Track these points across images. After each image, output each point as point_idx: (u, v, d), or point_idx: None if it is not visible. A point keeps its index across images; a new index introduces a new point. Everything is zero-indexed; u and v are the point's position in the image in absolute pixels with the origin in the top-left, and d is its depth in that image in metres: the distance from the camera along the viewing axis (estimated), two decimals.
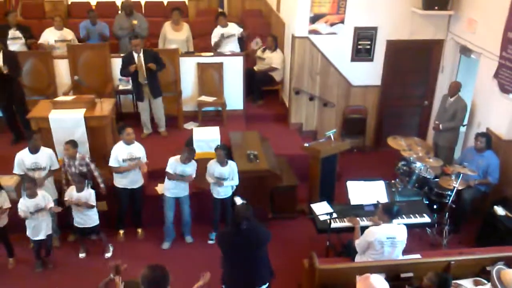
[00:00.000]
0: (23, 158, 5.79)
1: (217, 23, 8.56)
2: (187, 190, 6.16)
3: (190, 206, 6.25)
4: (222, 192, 6.08)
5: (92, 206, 5.78)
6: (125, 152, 5.95)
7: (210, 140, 6.38)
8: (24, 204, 5.48)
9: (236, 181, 6.09)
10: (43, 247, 5.85)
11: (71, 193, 5.75)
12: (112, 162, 5.96)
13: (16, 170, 5.84)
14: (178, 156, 5.96)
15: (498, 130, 6.51)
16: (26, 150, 5.81)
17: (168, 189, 6.08)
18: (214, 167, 5.98)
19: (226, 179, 5.98)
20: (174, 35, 8.53)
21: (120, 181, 6.10)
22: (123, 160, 5.95)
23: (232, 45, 8.56)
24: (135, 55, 7.17)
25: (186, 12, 11.32)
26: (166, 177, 6.03)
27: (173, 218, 6.22)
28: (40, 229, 5.63)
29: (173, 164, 5.96)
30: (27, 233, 5.70)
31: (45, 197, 5.59)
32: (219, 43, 8.48)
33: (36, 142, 5.77)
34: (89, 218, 5.85)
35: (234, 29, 8.59)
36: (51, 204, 5.60)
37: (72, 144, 5.89)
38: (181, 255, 6.15)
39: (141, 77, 7.24)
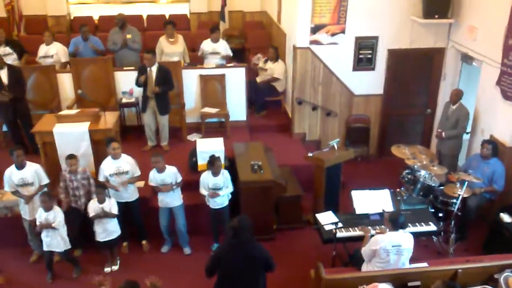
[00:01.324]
0: (11, 175, 5.79)
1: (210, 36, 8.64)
2: (179, 200, 6.16)
3: (187, 217, 6.25)
4: (219, 201, 6.08)
5: (114, 216, 5.80)
6: (112, 167, 5.95)
7: (214, 152, 6.38)
8: (39, 215, 5.55)
9: (231, 188, 6.10)
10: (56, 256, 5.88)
11: (94, 205, 5.77)
12: (100, 177, 5.99)
13: (6, 187, 5.85)
14: (154, 169, 5.99)
15: (501, 137, 6.50)
16: (13, 166, 5.80)
17: (160, 200, 6.12)
18: (208, 179, 5.98)
19: (221, 189, 5.99)
20: (171, 48, 8.57)
21: (114, 195, 6.07)
22: (110, 175, 5.95)
23: (217, 61, 8.57)
24: (148, 68, 7.22)
25: (187, 25, 11.42)
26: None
27: (166, 227, 6.24)
28: (52, 241, 5.64)
29: (152, 176, 6.00)
30: (43, 247, 5.72)
31: (56, 214, 5.58)
32: (203, 56, 8.61)
33: (19, 158, 5.73)
34: (112, 229, 5.88)
35: (221, 48, 8.61)
36: (55, 224, 5.57)
37: (76, 158, 5.92)
38: (183, 267, 6.14)
39: (149, 90, 7.28)
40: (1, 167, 7.03)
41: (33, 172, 5.83)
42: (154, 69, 7.23)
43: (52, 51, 8.32)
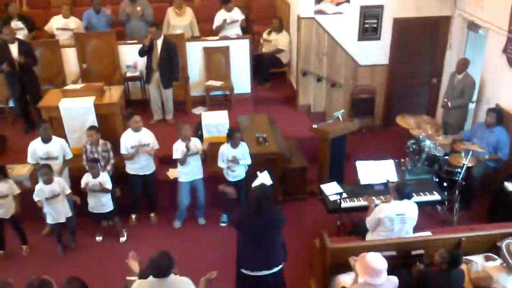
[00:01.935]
0: (36, 148, 5.86)
1: (222, 7, 8.53)
2: (201, 172, 6.22)
3: (204, 190, 6.31)
4: (237, 173, 6.10)
5: (108, 190, 5.87)
6: (134, 139, 6.02)
7: (219, 124, 6.41)
8: (41, 190, 5.60)
9: (249, 161, 6.12)
10: (64, 230, 5.99)
11: (87, 179, 5.84)
12: (122, 150, 6.05)
13: (30, 159, 5.93)
14: (178, 140, 6.02)
15: (508, 106, 6.47)
16: (39, 139, 5.88)
17: (183, 173, 6.15)
18: (226, 151, 5.99)
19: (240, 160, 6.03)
20: (177, 21, 8.49)
21: (131, 168, 6.18)
22: (132, 147, 6.02)
23: (235, 30, 8.53)
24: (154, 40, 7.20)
25: None
26: (178, 164, 6.09)
27: (186, 204, 6.29)
28: (59, 213, 5.76)
29: (177, 147, 6.01)
30: (47, 219, 5.82)
31: (61, 183, 5.70)
32: (221, 28, 8.48)
33: (47, 131, 5.82)
34: (103, 204, 5.95)
35: (237, 15, 8.57)
36: (69, 191, 5.70)
37: (95, 129, 5.99)
38: (193, 237, 6.25)
39: (154, 62, 7.27)
40: (9, 142, 7.18)
41: (59, 146, 5.90)
42: (159, 42, 7.20)
43: (72, 25, 8.30)
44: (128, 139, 6.02)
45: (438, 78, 8.36)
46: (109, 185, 5.87)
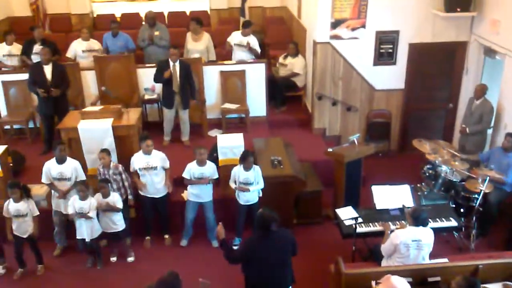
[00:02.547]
0: (50, 168, 5.97)
1: (241, 30, 8.65)
2: (210, 196, 6.24)
3: (216, 212, 6.33)
4: (249, 197, 6.11)
5: (119, 210, 5.92)
6: (143, 161, 6.09)
7: (234, 147, 6.45)
8: (73, 202, 5.74)
9: (261, 185, 6.12)
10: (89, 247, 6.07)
11: (98, 199, 5.90)
12: (131, 169, 6.16)
13: (44, 179, 6.02)
14: (194, 161, 6.07)
15: None
16: (54, 160, 5.99)
17: (191, 193, 6.21)
18: (238, 173, 6.03)
19: (251, 184, 6.03)
20: (193, 45, 8.64)
21: (141, 190, 6.23)
22: (139, 169, 6.09)
23: (243, 54, 8.57)
24: (171, 63, 7.33)
25: (207, 21, 11.47)
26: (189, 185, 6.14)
27: (193, 220, 6.33)
28: (89, 229, 5.84)
29: (190, 168, 6.07)
30: (76, 235, 5.92)
31: (91, 204, 5.78)
32: (230, 48, 8.64)
33: (62, 153, 5.92)
34: (114, 223, 5.99)
35: (251, 40, 8.53)
36: (92, 213, 5.77)
37: (107, 152, 6.08)
38: (206, 258, 6.24)
39: (175, 85, 7.39)
40: (28, 162, 7.29)
41: (73, 168, 6.00)
42: (177, 65, 7.33)
43: (96, 46, 8.54)
44: (138, 161, 6.11)
45: (455, 103, 8.33)
46: (119, 205, 5.91)
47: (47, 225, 6.07)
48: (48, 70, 7.24)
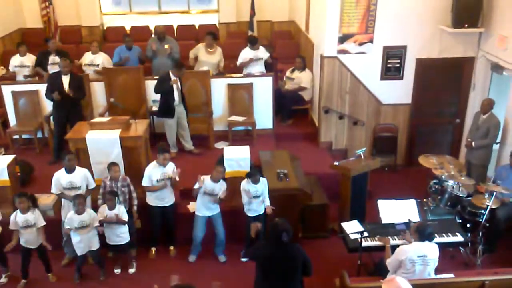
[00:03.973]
0: (60, 178, 6.00)
1: (248, 45, 8.78)
2: (217, 208, 6.24)
3: (224, 225, 6.33)
4: (257, 209, 6.13)
5: (124, 222, 5.94)
6: (159, 172, 6.12)
7: (241, 159, 6.48)
8: (71, 219, 5.72)
9: (267, 202, 6.14)
10: (89, 261, 6.08)
11: (104, 211, 5.93)
12: (145, 182, 6.14)
13: (54, 189, 6.06)
14: (209, 176, 6.08)
15: None
16: (63, 170, 6.02)
17: (199, 208, 6.20)
18: (247, 186, 6.05)
19: (259, 196, 6.05)
20: (207, 58, 8.77)
21: (152, 200, 6.26)
22: (157, 180, 6.12)
23: (258, 68, 8.75)
24: (172, 77, 7.43)
25: (217, 35, 11.59)
26: (197, 197, 6.14)
27: (202, 239, 6.31)
28: (86, 244, 5.84)
29: (204, 181, 6.07)
30: (75, 247, 5.89)
31: (91, 215, 5.80)
32: (246, 65, 8.73)
33: (71, 162, 5.97)
34: (119, 236, 6.01)
35: (262, 53, 8.84)
36: (97, 223, 5.80)
37: (119, 166, 6.14)
38: (212, 272, 6.22)
39: (177, 96, 7.50)
40: (36, 172, 7.35)
41: (82, 176, 6.04)
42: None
43: (98, 60, 8.66)
44: (154, 173, 6.12)
45: (462, 119, 8.33)
46: (125, 217, 5.94)
47: (54, 234, 6.09)
48: (66, 80, 7.39)
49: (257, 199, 6.05)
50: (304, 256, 4.57)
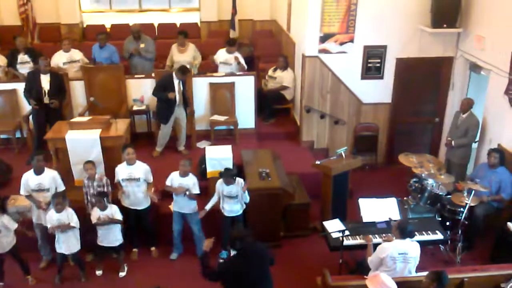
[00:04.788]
0: (28, 179, 5.87)
1: (225, 47, 8.74)
2: (192, 208, 6.19)
3: (203, 224, 6.29)
4: (234, 209, 6.12)
5: (118, 221, 5.88)
6: (125, 172, 6.06)
7: (223, 159, 6.47)
8: (50, 217, 5.64)
9: (246, 199, 6.13)
10: (70, 261, 6.01)
11: (96, 213, 5.85)
12: (115, 180, 6.13)
13: (22, 191, 5.92)
14: (177, 171, 6.08)
15: (510, 146, 6.52)
16: (31, 171, 5.89)
17: (174, 202, 6.20)
18: (221, 187, 6.05)
19: (236, 197, 6.04)
20: (179, 57, 8.75)
21: (124, 201, 6.20)
22: (123, 180, 6.06)
23: (228, 71, 8.66)
24: (176, 81, 7.41)
25: (197, 33, 11.54)
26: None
27: (180, 231, 6.30)
28: (65, 244, 5.74)
29: (172, 178, 6.10)
30: (55, 245, 5.81)
31: (69, 215, 5.70)
32: (215, 62, 8.79)
33: (39, 163, 5.83)
34: (114, 236, 5.95)
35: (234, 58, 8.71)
36: (73, 224, 5.69)
37: (93, 164, 6.04)
38: (194, 272, 6.15)
39: (179, 102, 7.52)
40: (15, 172, 7.23)
41: (51, 178, 5.91)
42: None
43: (77, 56, 8.44)
44: (121, 172, 6.07)
45: (441, 118, 8.44)
46: (118, 216, 5.88)
47: (33, 236, 5.99)
48: (45, 79, 7.22)
49: (232, 199, 6.04)
50: (266, 250, 4.60)
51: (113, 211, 5.87)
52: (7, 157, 7.57)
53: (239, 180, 6.08)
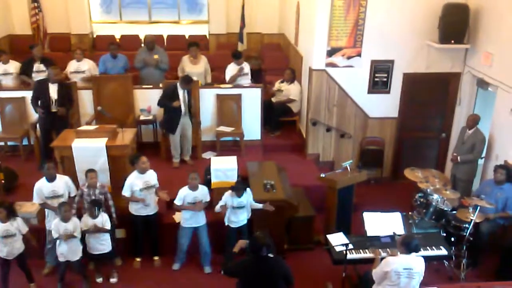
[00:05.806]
0: (41, 187, 5.90)
1: (233, 61, 8.79)
2: (204, 219, 6.21)
3: (208, 235, 6.29)
4: (239, 219, 6.10)
5: (107, 231, 5.87)
6: (140, 181, 6.04)
7: (228, 170, 6.48)
8: (56, 225, 5.65)
9: (255, 206, 6.14)
10: (73, 270, 5.99)
11: (87, 220, 5.86)
12: (126, 191, 6.04)
13: (36, 199, 5.94)
14: (186, 186, 6.06)
15: None
16: (44, 179, 5.93)
17: (185, 219, 6.15)
18: (231, 198, 6.02)
19: (244, 207, 6.04)
20: (192, 68, 8.75)
21: (134, 208, 6.19)
22: (140, 190, 6.04)
23: (246, 81, 8.75)
24: (181, 91, 7.45)
25: (206, 46, 11.64)
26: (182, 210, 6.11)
27: (187, 247, 6.27)
28: (69, 253, 5.75)
29: (182, 194, 6.04)
30: (57, 253, 5.81)
31: (75, 224, 5.72)
32: (234, 79, 8.70)
33: (50, 171, 5.87)
34: (101, 245, 5.94)
35: (246, 67, 8.80)
36: (76, 233, 5.71)
37: (96, 172, 6.05)
38: (196, 284, 6.17)
39: (184, 108, 7.56)
40: (21, 179, 7.27)
41: (64, 183, 5.96)
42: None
43: (84, 67, 8.56)
44: (135, 182, 6.03)
45: (447, 133, 8.42)
46: (108, 225, 5.87)
47: (37, 242, 5.99)
48: (53, 88, 7.28)
49: (240, 209, 6.03)
50: (285, 268, 4.56)
51: (104, 219, 5.87)
52: (14, 164, 7.61)
53: (248, 190, 6.09)
